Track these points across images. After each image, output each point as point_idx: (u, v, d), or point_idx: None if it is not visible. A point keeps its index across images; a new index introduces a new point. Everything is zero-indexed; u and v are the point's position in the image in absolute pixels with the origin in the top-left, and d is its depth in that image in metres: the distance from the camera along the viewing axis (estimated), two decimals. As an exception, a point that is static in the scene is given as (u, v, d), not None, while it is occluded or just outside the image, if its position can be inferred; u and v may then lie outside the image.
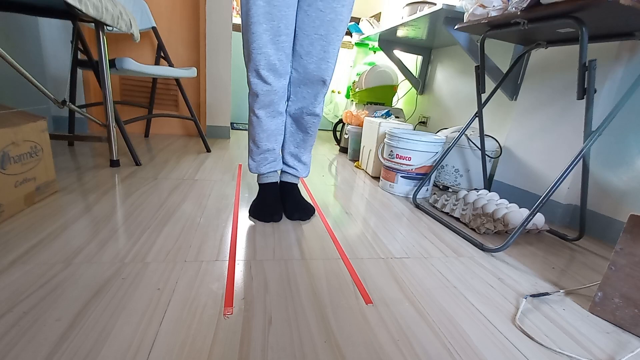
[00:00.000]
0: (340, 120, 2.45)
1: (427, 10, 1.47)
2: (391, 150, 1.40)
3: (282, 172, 1.12)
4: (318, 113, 1.02)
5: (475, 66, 1.24)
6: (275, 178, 1.08)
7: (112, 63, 1.33)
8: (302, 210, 1.03)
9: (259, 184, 1.08)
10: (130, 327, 0.52)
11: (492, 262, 0.88)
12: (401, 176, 1.38)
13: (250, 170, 1.05)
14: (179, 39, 2.07)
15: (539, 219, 1.08)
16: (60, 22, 1.78)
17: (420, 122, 2.30)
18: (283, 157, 1.10)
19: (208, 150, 1.84)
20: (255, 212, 1.01)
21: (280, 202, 1.05)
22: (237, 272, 0.70)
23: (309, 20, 0.88)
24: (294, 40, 0.92)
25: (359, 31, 2.62)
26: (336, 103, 2.90)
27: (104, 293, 0.59)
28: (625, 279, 0.65)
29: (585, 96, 0.89)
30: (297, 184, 1.12)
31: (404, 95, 2.60)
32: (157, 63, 1.96)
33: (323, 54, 0.91)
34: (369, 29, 2.45)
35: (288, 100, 1.02)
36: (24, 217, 0.85)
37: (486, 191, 1.27)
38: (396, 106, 2.63)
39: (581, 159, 0.92)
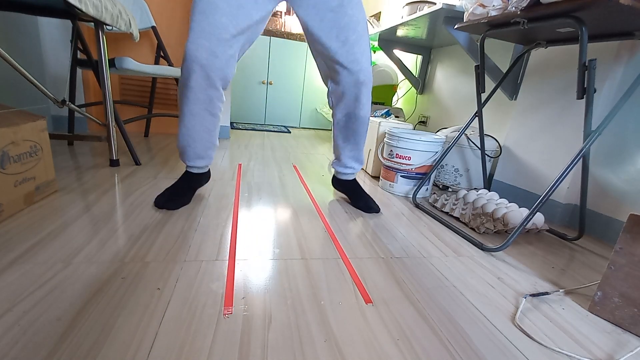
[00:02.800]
0: (340, 120, 2.44)
1: (426, 9, 1.47)
2: (391, 150, 1.40)
3: (339, 173, 1.22)
4: (362, 115, 1.09)
5: (475, 66, 1.24)
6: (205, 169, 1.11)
7: (111, 62, 1.33)
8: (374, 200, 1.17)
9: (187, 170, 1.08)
10: (130, 327, 0.52)
11: (492, 262, 0.88)
12: (401, 176, 1.38)
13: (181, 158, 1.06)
14: (179, 39, 2.07)
15: (539, 219, 1.08)
16: (59, 22, 1.77)
17: (420, 122, 2.30)
18: (340, 159, 1.20)
19: (208, 150, 1.83)
20: (162, 199, 1.00)
21: (189, 198, 1.06)
22: (237, 271, 0.70)
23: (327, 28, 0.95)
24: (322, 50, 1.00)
25: (359, 31, 2.62)
26: (336, 102, 2.90)
27: (103, 292, 0.59)
28: (624, 279, 0.65)
29: (585, 96, 0.89)
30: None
31: (403, 94, 2.60)
32: (156, 62, 1.95)
33: (352, 57, 0.98)
34: (369, 29, 2.44)
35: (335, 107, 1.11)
36: (24, 217, 0.85)
37: (486, 191, 1.27)
38: (396, 106, 2.63)
39: (581, 159, 0.92)
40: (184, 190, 1.04)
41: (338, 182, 1.25)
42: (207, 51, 0.86)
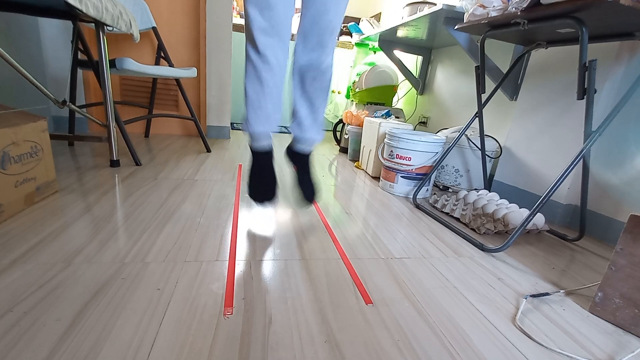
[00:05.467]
0: (341, 121, 2.45)
1: (427, 10, 1.47)
2: (391, 151, 1.39)
3: (295, 139, 1.05)
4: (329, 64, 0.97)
5: (475, 66, 1.24)
6: (270, 146, 1.00)
7: (112, 63, 1.33)
8: (316, 191, 1.04)
9: (253, 151, 1.00)
10: (130, 327, 0.52)
11: (492, 262, 0.88)
12: (401, 176, 1.38)
13: (243, 129, 0.98)
14: (179, 39, 2.07)
15: (539, 219, 1.08)
16: (60, 22, 1.78)
17: (420, 122, 2.30)
18: (296, 117, 1.04)
19: (208, 151, 1.84)
20: (254, 192, 0.98)
21: (274, 179, 1.00)
22: (237, 272, 0.70)
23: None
24: None
25: (359, 31, 2.62)
26: (336, 103, 2.90)
27: (104, 293, 0.59)
28: (625, 279, 0.65)
29: (585, 96, 0.89)
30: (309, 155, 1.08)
31: (404, 95, 2.60)
32: (157, 63, 1.96)
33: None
34: (369, 29, 2.45)
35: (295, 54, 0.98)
36: (24, 217, 0.85)
37: (486, 191, 1.27)
38: (396, 106, 2.63)
39: (581, 159, 0.92)
40: (269, 173, 0.98)
41: (292, 154, 1.07)
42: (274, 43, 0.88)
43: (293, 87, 1.03)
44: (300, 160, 1.06)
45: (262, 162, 0.99)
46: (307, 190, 1.03)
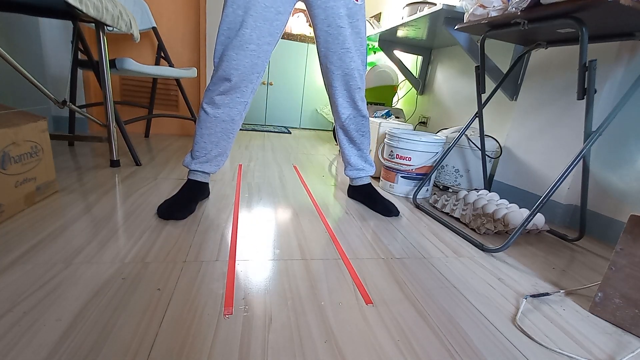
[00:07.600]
0: (341, 121, 2.44)
1: (427, 10, 1.47)
2: (391, 151, 1.39)
3: (354, 179, 1.23)
4: (364, 115, 1.14)
5: (476, 66, 1.24)
6: (204, 179, 1.08)
7: (112, 63, 1.33)
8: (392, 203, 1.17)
9: (189, 178, 1.06)
10: (130, 327, 0.52)
11: (492, 263, 0.88)
12: (401, 176, 1.38)
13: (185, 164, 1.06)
14: (179, 39, 2.07)
15: (539, 219, 1.08)
16: (60, 22, 1.78)
17: (420, 122, 2.30)
18: (350, 164, 1.21)
19: (208, 151, 1.84)
20: (167, 208, 0.94)
21: (192, 204, 1.00)
22: (237, 272, 0.70)
23: (332, 39, 0.99)
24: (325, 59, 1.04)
25: (359, 31, 2.62)
26: (336, 103, 2.90)
27: (104, 293, 0.59)
28: (625, 280, 0.65)
29: (585, 96, 0.89)
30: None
31: (404, 95, 2.60)
32: (157, 63, 1.96)
33: (349, 63, 1.03)
34: (369, 30, 2.45)
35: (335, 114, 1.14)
36: (24, 217, 0.85)
37: (486, 191, 1.27)
38: (396, 106, 2.63)
39: (581, 159, 0.92)
40: (187, 200, 0.99)
41: (354, 191, 1.26)
42: (239, 73, 0.93)
43: (340, 139, 1.20)
44: (365, 189, 1.23)
45: (191, 188, 1.04)
46: (387, 206, 1.15)
